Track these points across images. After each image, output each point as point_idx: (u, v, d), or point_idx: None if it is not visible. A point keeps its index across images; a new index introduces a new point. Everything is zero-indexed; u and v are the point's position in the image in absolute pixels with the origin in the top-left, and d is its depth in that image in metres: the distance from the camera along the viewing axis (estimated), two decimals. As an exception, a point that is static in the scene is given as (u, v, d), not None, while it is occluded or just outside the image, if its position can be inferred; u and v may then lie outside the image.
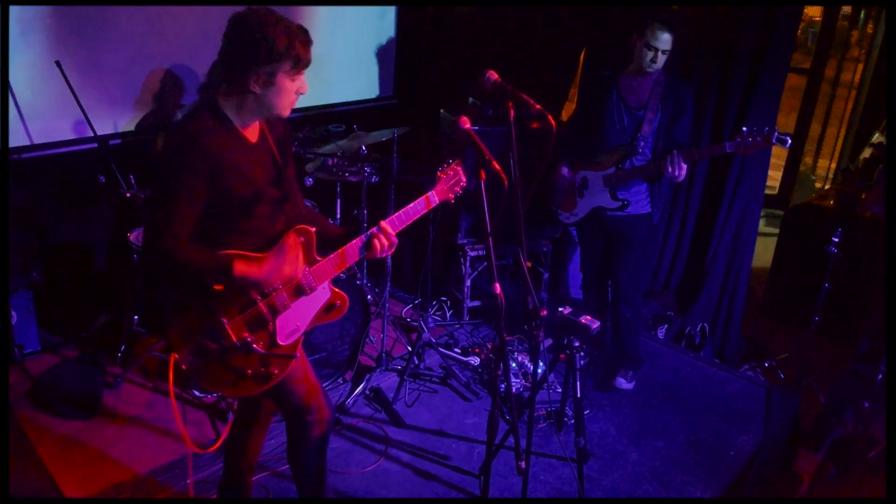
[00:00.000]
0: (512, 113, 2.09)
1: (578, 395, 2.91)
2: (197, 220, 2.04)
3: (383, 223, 2.26)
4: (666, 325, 4.48)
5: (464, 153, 4.31)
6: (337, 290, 2.33)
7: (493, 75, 2.23)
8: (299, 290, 2.21)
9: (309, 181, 3.79)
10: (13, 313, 3.59)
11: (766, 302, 5.05)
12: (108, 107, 3.88)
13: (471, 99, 4.58)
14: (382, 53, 5.13)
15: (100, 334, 3.90)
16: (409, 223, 2.34)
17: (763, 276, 5.18)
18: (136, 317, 3.61)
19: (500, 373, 2.20)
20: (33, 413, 3.29)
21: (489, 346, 4.07)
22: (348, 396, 3.54)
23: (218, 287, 2.08)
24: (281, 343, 2.21)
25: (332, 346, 3.58)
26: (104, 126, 3.82)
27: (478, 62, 2.24)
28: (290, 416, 2.42)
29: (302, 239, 2.21)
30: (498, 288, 2.06)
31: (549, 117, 2.06)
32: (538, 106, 2.08)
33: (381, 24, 5.08)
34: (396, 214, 2.31)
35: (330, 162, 3.77)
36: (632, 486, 3.12)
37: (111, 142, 3.84)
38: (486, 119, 4.38)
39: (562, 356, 2.93)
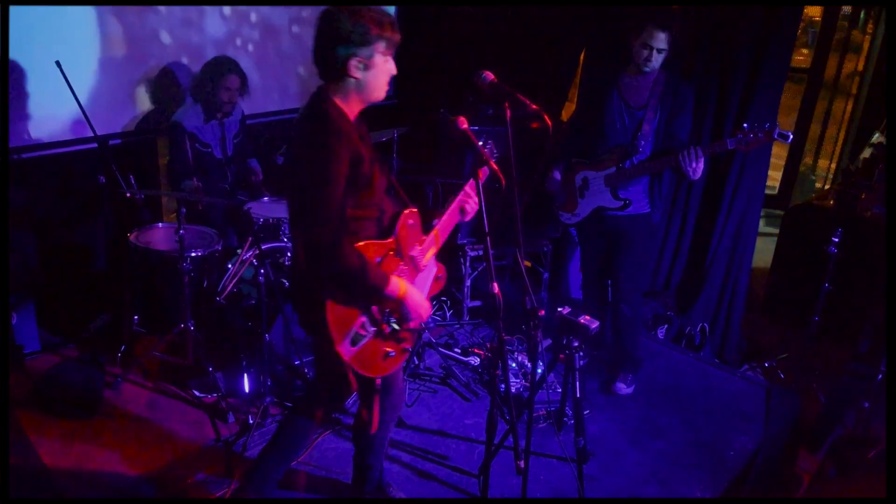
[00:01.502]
0: (509, 113, 2.09)
1: (578, 395, 2.91)
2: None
3: (467, 187, 2.50)
4: (666, 325, 4.48)
5: (462, 153, 4.32)
6: (438, 262, 2.53)
7: (490, 75, 2.23)
8: (416, 269, 2.42)
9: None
10: (13, 313, 3.60)
11: (766, 302, 5.05)
12: (108, 107, 3.88)
13: (470, 99, 4.58)
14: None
15: (100, 334, 3.90)
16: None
17: (763, 276, 5.18)
18: (136, 317, 3.62)
19: (499, 373, 2.20)
20: (33, 413, 3.29)
21: (489, 346, 4.07)
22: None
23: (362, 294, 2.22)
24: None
25: (332, 346, 3.58)
26: (104, 126, 3.83)
27: (478, 62, 2.25)
28: (366, 397, 2.52)
29: (411, 222, 2.38)
30: (496, 288, 2.07)
31: (546, 117, 2.06)
32: (534, 106, 2.08)
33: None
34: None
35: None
36: (632, 486, 3.12)
37: (111, 142, 3.84)
38: (485, 119, 4.38)
39: (561, 356, 2.93)
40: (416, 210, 2.39)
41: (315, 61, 2.17)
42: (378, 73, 2.15)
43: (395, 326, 2.32)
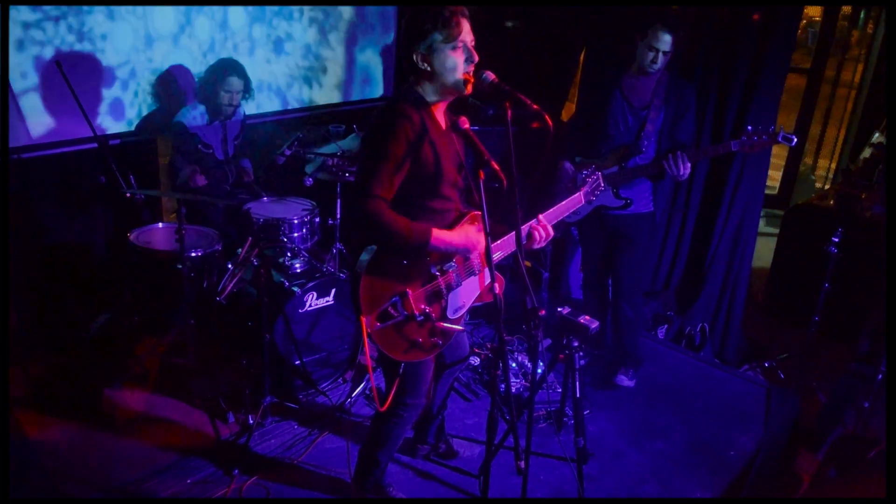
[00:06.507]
0: (509, 113, 2.09)
1: (578, 395, 2.91)
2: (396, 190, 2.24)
3: (541, 216, 2.53)
4: (666, 325, 4.48)
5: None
6: (499, 275, 2.52)
7: (491, 75, 2.23)
8: (469, 271, 2.49)
9: (309, 181, 3.79)
10: (13, 313, 3.59)
11: (766, 302, 5.05)
12: (108, 107, 3.88)
13: (471, 99, 4.57)
14: (382, 53, 5.14)
15: (100, 334, 3.90)
16: (561, 218, 2.67)
17: (763, 276, 5.18)
18: (136, 317, 3.61)
19: (499, 373, 2.20)
20: (33, 413, 3.29)
21: (489, 346, 4.07)
22: (348, 396, 3.54)
23: (408, 258, 2.31)
24: (449, 316, 2.46)
25: (332, 346, 3.58)
26: (104, 126, 3.83)
27: (478, 62, 2.26)
28: (387, 375, 2.57)
29: (477, 224, 2.44)
30: (497, 288, 2.07)
31: (547, 117, 2.06)
32: (536, 106, 2.08)
33: (382, 24, 5.09)
34: (551, 210, 2.63)
35: (330, 162, 3.77)
36: (632, 486, 3.12)
37: (111, 142, 3.84)
38: (486, 119, 4.37)
39: (561, 356, 2.93)
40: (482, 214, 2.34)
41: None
42: (442, 64, 2.24)
43: (434, 321, 2.36)
